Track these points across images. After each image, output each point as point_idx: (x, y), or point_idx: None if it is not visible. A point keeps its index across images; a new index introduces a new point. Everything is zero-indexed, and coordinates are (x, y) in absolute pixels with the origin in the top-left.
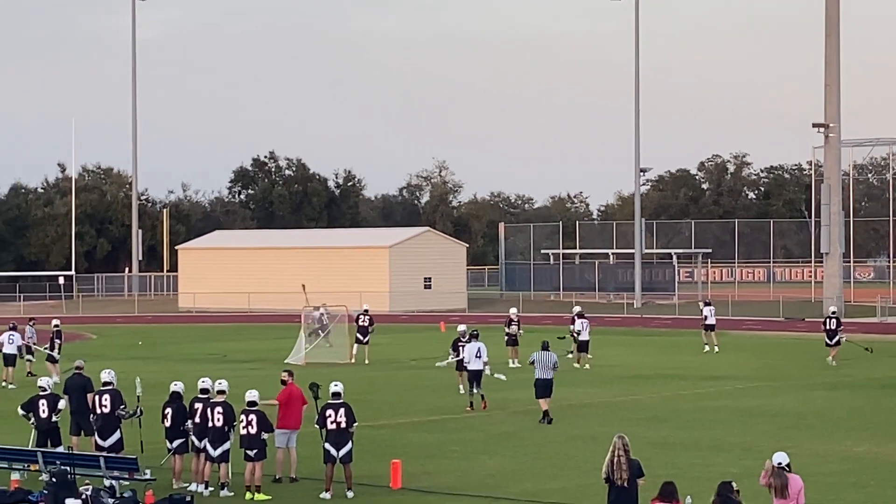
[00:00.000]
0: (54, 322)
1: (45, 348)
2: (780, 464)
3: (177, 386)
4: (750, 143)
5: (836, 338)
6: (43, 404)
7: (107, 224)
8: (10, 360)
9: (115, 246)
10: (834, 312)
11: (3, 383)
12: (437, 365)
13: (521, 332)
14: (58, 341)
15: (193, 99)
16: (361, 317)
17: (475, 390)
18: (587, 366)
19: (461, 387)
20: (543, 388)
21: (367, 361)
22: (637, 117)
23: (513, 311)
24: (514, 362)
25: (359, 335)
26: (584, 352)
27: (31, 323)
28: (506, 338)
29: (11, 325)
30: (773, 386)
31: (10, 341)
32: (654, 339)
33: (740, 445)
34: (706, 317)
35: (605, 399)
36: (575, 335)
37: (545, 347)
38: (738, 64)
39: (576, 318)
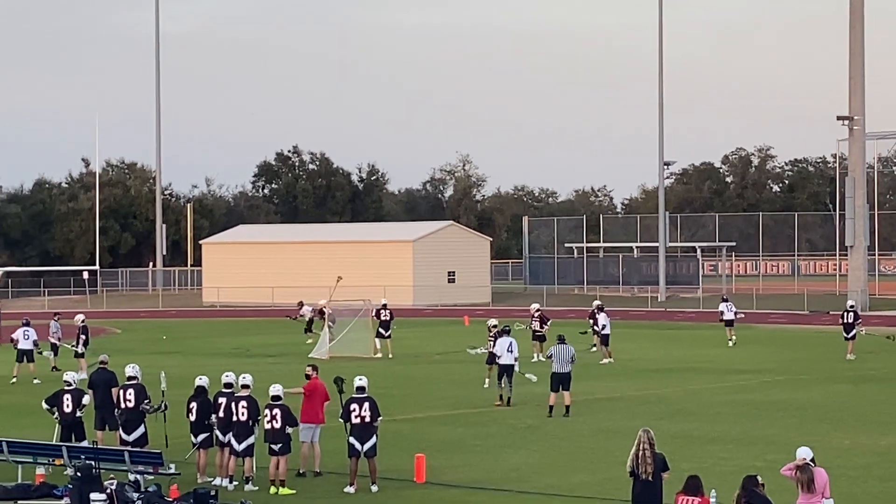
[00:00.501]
0: (80, 317)
1: (72, 345)
2: (804, 458)
3: (202, 380)
4: (774, 136)
5: (853, 331)
6: (67, 399)
7: (131, 219)
8: (26, 355)
9: (139, 241)
10: (852, 306)
11: (14, 379)
12: (467, 351)
13: (546, 327)
14: (83, 336)
15: (217, 93)
16: (382, 311)
17: (504, 384)
18: (611, 360)
19: (487, 381)
20: (560, 382)
21: (390, 355)
22: (661, 110)
23: (534, 306)
24: (539, 356)
25: (381, 329)
26: (606, 345)
27: (55, 318)
28: (531, 332)
29: (25, 320)
30: (797, 379)
31: (26, 337)
32: (678, 333)
33: (765, 439)
34: (722, 312)
35: (630, 393)
36: (597, 329)
37: (562, 341)
38: (761, 56)
39: (596, 311)
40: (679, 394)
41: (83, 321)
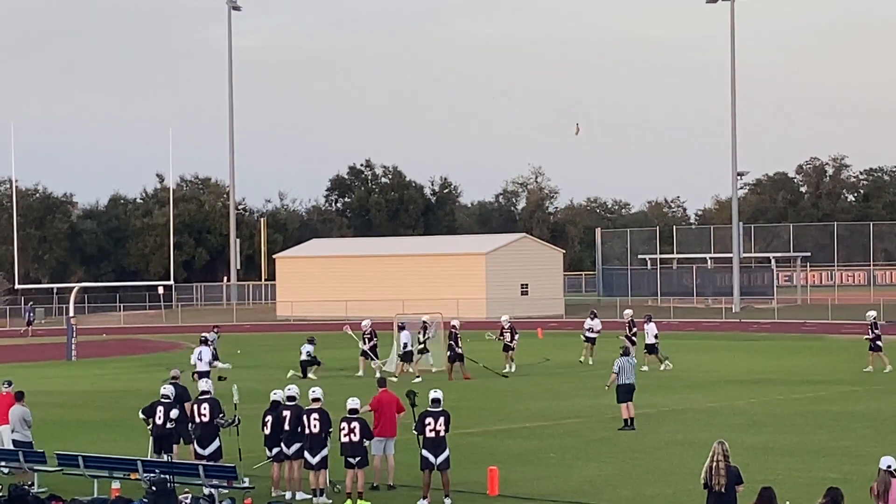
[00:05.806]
0: (366, 322)
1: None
2: (889, 467)
3: (276, 394)
4: (848, 146)
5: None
6: (160, 411)
7: (205, 234)
8: (403, 357)
9: (213, 255)
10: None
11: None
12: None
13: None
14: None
15: (290, 108)
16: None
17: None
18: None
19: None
20: (627, 393)
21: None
22: (734, 120)
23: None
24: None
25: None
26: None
27: (215, 330)
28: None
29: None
30: (873, 390)
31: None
32: (752, 344)
33: (840, 450)
34: (646, 334)
35: (704, 404)
36: (634, 338)
37: (626, 353)
38: (835, 64)
39: (632, 321)
40: (753, 405)
41: (370, 325)
